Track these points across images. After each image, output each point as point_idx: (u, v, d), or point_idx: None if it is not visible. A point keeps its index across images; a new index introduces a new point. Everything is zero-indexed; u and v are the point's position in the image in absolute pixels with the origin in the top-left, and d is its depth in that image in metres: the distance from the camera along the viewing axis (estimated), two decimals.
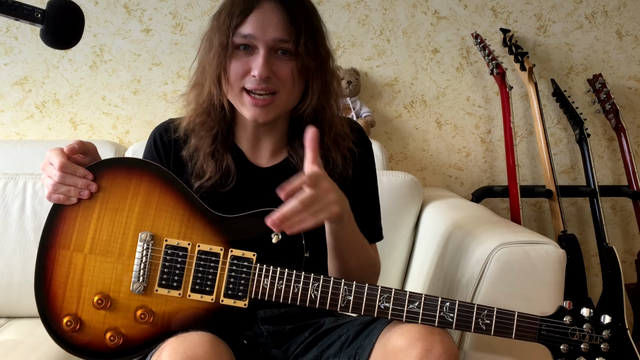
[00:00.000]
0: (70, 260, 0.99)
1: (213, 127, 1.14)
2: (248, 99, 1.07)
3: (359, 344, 1.03)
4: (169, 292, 0.97)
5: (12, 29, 2.07)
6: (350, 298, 0.95)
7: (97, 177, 1.01)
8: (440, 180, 2.23)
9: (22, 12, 0.81)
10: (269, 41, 1.05)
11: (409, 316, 0.95)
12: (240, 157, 1.17)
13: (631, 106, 2.24)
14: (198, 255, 0.98)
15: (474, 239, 1.27)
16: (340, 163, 1.15)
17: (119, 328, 0.98)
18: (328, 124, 1.15)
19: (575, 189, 2.13)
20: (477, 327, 0.94)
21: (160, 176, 1.02)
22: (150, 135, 1.21)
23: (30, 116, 2.10)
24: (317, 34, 1.11)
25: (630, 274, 2.20)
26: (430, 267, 1.48)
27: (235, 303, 0.97)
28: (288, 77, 1.07)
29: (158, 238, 0.99)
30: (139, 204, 1.00)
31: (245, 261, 0.97)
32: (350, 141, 1.18)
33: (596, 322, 0.95)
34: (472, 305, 0.95)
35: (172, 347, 0.89)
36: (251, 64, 1.06)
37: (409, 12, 2.16)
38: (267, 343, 1.15)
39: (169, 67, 2.11)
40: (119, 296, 0.98)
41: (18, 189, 1.71)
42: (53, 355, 1.36)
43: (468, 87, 2.20)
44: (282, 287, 0.96)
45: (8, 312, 1.68)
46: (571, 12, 2.19)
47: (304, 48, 1.06)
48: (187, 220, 1.00)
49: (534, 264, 1.15)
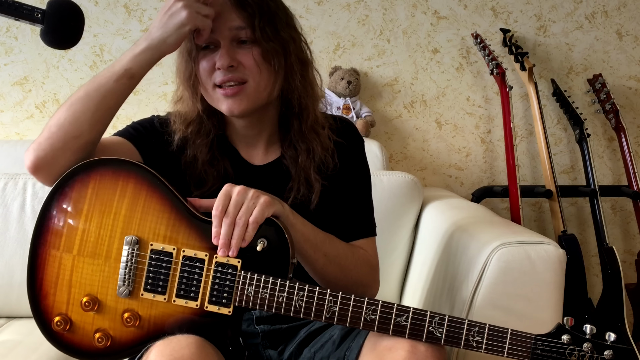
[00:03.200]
0: (60, 260, 0.99)
1: (209, 132, 1.15)
2: (220, 92, 1.08)
3: (347, 345, 1.03)
4: (154, 296, 0.97)
5: (12, 29, 2.07)
6: (336, 309, 0.94)
7: (85, 178, 1.00)
8: (440, 180, 2.23)
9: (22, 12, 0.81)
10: (225, 32, 1.06)
11: (395, 330, 0.93)
12: (236, 157, 1.18)
13: (631, 106, 2.24)
14: (183, 261, 0.97)
15: (474, 239, 1.27)
16: (319, 152, 1.15)
17: (107, 330, 0.98)
18: (305, 111, 1.15)
19: (575, 189, 2.13)
20: (467, 344, 0.92)
21: (146, 178, 1.00)
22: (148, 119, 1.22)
23: (30, 116, 2.10)
24: (275, 18, 1.10)
25: (630, 274, 2.20)
26: (430, 267, 1.48)
27: (219, 310, 0.95)
28: (252, 64, 1.07)
29: (143, 242, 0.98)
30: (125, 207, 0.99)
31: (230, 268, 0.96)
32: (332, 132, 1.18)
33: (598, 341, 0.90)
34: (462, 320, 0.92)
35: (159, 349, 0.89)
36: (215, 58, 1.07)
37: (409, 12, 2.16)
38: (263, 343, 1.15)
39: (169, 67, 2.11)
40: (106, 299, 0.98)
41: (18, 189, 1.71)
42: (53, 355, 1.36)
43: (468, 87, 2.20)
44: (267, 296, 0.94)
45: (8, 312, 1.68)
46: (571, 12, 2.19)
47: (260, 33, 1.07)
48: (172, 224, 0.99)
49: (534, 264, 1.15)
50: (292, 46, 1.12)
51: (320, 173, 1.15)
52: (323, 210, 1.13)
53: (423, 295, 1.47)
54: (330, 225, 1.13)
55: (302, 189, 1.13)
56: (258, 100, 1.11)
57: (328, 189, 1.15)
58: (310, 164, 1.14)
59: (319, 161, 1.15)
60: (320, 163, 1.15)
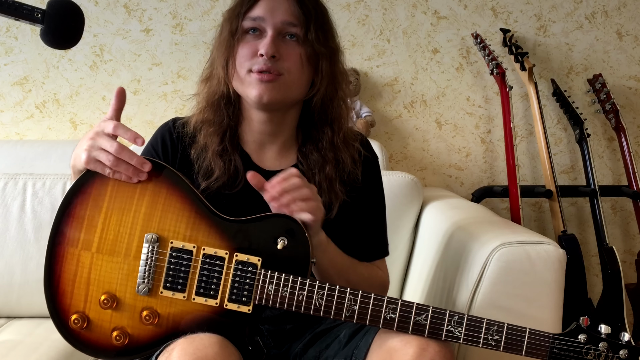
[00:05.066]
0: (79, 258, 0.99)
1: (222, 122, 1.13)
2: (254, 76, 1.06)
3: (355, 344, 1.03)
4: (174, 294, 0.97)
5: (12, 29, 2.07)
6: (356, 307, 0.94)
7: (104, 176, 1.00)
8: (440, 180, 2.23)
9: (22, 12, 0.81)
10: (277, 23, 1.06)
11: (415, 328, 0.93)
12: (246, 159, 1.16)
13: (631, 106, 2.24)
14: (203, 259, 0.97)
15: (474, 239, 1.27)
16: (349, 163, 1.14)
17: (125, 328, 0.98)
18: (337, 122, 1.15)
19: (575, 189, 2.13)
20: (485, 343, 0.92)
21: (167, 176, 1.01)
22: (157, 133, 1.19)
23: (30, 116, 2.10)
24: (327, 26, 1.11)
25: (630, 274, 2.20)
26: (430, 267, 1.48)
27: (239, 308, 0.96)
28: (296, 61, 1.07)
29: (163, 240, 0.99)
30: (146, 205, 1.00)
31: (250, 266, 0.97)
32: (359, 144, 1.18)
33: (614, 341, 0.91)
34: (481, 319, 0.92)
35: (182, 347, 0.89)
36: (259, 45, 1.06)
37: (409, 12, 2.16)
38: (268, 343, 1.15)
39: (169, 67, 2.11)
40: (125, 296, 0.98)
41: (18, 189, 1.71)
42: (53, 355, 1.36)
43: (468, 87, 2.20)
44: (287, 294, 0.95)
45: (8, 312, 1.68)
46: (571, 12, 2.19)
47: (314, 34, 1.07)
48: (192, 222, 0.99)
49: (534, 264, 1.15)
50: (337, 56, 1.13)
51: (345, 185, 1.14)
52: (341, 222, 1.12)
53: (423, 295, 1.47)
54: (346, 239, 1.12)
55: (324, 196, 1.11)
56: (289, 96, 1.10)
57: (349, 202, 1.14)
58: (337, 174, 1.13)
59: (346, 173, 1.14)
60: (347, 175, 1.14)
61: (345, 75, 1.17)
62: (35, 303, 1.63)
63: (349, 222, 1.15)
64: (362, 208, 1.18)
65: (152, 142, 1.18)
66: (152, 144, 1.18)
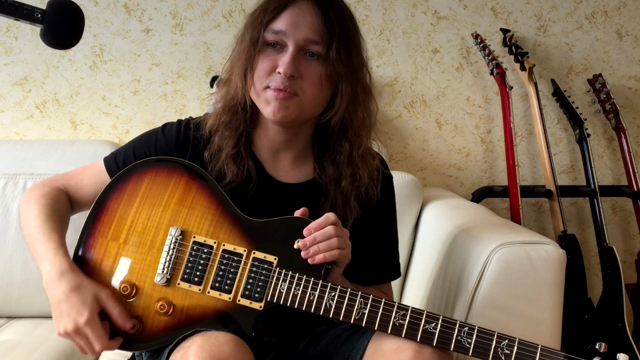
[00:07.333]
0: (106, 248, 1.04)
1: (238, 126, 1.12)
2: (271, 93, 1.05)
3: (352, 345, 1.04)
4: (190, 286, 1.01)
5: (12, 29, 2.07)
6: (366, 311, 0.94)
7: (142, 173, 1.07)
8: (440, 180, 2.23)
9: (22, 12, 0.81)
10: (299, 40, 1.04)
11: (424, 336, 0.92)
12: (259, 167, 1.15)
13: (631, 106, 2.24)
14: (222, 254, 1.01)
15: (474, 239, 1.27)
16: (366, 180, 1.13)
17: (140, 317, 1.01)
18: (357, 138, 1.12)
19: (575, 189, 2.13)
20: (495, 357, 0.90)
21: (198, 177, 1.07)
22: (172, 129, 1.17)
23: (30, 116, 2.10)
24: (352, 42, 1.08)
25: (630, 274, 2.20)
26: (430, 267, 1.48)
27: (251, 304, 0.98)
28: (314, 80, 1.05)
29: (187, 234, 1.03)
30: (175, 200, 1.05)
31: (266, 264, 0.99)
32: (377, 161, 1.17)
33: None
34: (492, 332, 0.91)
35: (199, 344, 0.90)
36: (278, 61, 1.04)
37: (409, 12, 2.16)
38: (272, 341, 1.15)
39: (169, 67, 2.11)
40: (144, 286, 1.02)
41: (18, 189, 1.71)
42: (53, 355, 1.36)
43: (468, 87, 2.20)
44: (299, 293, 0.97)
45: (8, 312, 1.68)
46: (571, 12, 2.19)
47: (335, 53, 1.04)
48: (217, 220, 1.04)
49: (534, 264, 1.15)
50: (360, 73, 1.10)
51: (360, 201, 1.14)
52: (355, 238, 1.09)
53: (423, 295, 1.47)
54: (358, 257, 1.10)
55: (338, 211, 1.11)
56: (303, 115, 1.09)
57: (363, 220, 1.14)
58: (352, 190, 1.12)
59: (363, 190, 1.13)
60: (364, 192, 1.13)
61: (369, 91, 1.14)
62: (35, 303, 1.63)
63: (362, 240, 1.14)
64: (376, 227, 1.18)
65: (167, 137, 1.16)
66: (166, 140, 1.15)
